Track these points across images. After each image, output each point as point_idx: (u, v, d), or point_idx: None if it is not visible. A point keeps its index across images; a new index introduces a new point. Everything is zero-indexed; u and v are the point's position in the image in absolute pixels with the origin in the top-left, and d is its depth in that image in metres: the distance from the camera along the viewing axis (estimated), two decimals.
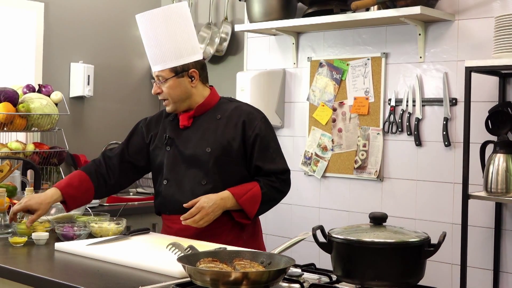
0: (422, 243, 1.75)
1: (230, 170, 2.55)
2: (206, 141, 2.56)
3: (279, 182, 2.55)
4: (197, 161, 2.56)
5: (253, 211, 2.50)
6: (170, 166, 2.60)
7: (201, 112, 2.61)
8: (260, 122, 2.58)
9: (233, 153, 2.54)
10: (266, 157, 2.55)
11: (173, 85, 2.55)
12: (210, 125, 2.58)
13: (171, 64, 2.54)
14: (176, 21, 2.55)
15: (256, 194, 2.50)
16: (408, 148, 3.53)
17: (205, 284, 1.68)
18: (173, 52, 2.53)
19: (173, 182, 2.59)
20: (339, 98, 3.79)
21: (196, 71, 2.58)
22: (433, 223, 3.42)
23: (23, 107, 3.63)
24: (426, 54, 3.47)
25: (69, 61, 4.32)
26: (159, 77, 2.56)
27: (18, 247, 2.39)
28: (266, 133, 2.58)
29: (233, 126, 2.56)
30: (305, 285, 1.82)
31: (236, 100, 2.73)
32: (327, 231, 1.84)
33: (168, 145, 2.62)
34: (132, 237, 2.48)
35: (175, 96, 2.56)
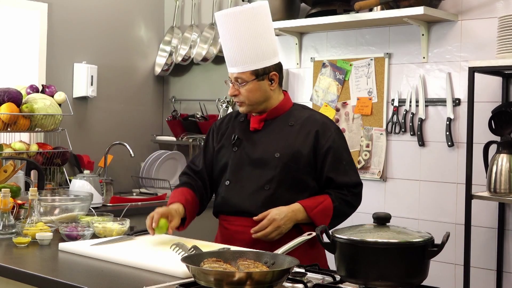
0: (426, 243, 1.75)
1: (295, 178, 2.47)
2: (276, 146, 2.48)
3: (350, 195, 2.46)
4: (264, 165, 2.48)
5: (324, 224, 2.32)
6: (234, 167, 2.53)
7: (273, 116, 2.54)
8: (333, 133, 2.50)
9: (302, 161, 2.46)
10: (339, 169, 2.46)
11: (253, 88, 2.46)
12: (282, 130, 2.51)
13: (252, 67, 2.44)
14: (259, 21, 2.46)
15: (327, 207, 2.41)
16: (411, 148, 3.53)
17: (209, 284, 1.69)
18: (255, 54, 2.44)
19: (235, 184, 2.52)
20: (342, 98, 3.79)
21: (276, 74, 2.50)
22: (436, 223, 3.41)
23: (27, 107, 3.64)
24: (429, 54, 3.47)
25: (72, 61, 4.32)
26: (238, 79, 2.47)
27: (22, 247, 2.39)
28: (339, 144, 2.50)
29: (305, 134, 2.48)
30: (309, 285, 1.82)
31: (309, 108, 2.65)
32: (331, 231, 1.84)
33: (235, 146, 2.55)
34: (136, 237, 2.48)
35: (254, 99, 2.48)
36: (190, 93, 4.67)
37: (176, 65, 4.64)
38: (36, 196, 2.56)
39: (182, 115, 4.54)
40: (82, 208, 2.84)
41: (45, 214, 2.73)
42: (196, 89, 4.62)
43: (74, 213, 2.79)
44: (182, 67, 4.68)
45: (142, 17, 4.68)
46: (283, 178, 2.45)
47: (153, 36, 4.74)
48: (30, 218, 2.52)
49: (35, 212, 2.53)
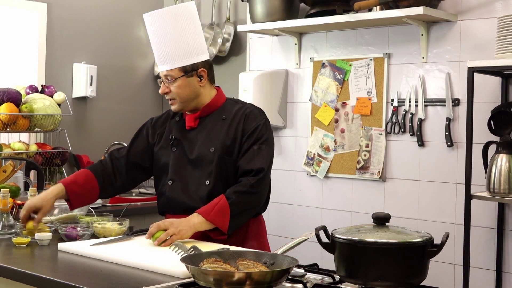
0: (425, 243, 1.75)
1: (232, 170, 2.53)
2: (211, 141, 2.55)
3: (248, 184, 2.45)
4: (202, 161, 2.55)
5: (224, 225, 2.40)
6: (175, 167, 2.60)
7: (207, 113, 2.61)
8: (260, 121, 2.56)
9: (234, 151, 2.53)
10: (247, 156, 2.50)
11: (182, 85, 2.54)
12: (216, 125, 2.58)
13: (180, 64, 2.52)
14: (185, 20, 2.54)
15: (222, 206, 2.40)
16: (410, 148, 3.53)
17: (208, 284, 1.68)
18: (182, 51, 2.52)
19: (178, 183, 2.59)
20: (341, 98, 3.79)
21: (205, 70, 2.57)
22: (435, 223, 3.42)
23: (26, 107, 3.64)
24: (429, 54, 3.47)
25: (72, 61, 4.32)
26: (167, 77, 2.55)
27: (21, 247, 2.39)
28: (260, 133, 2.53)
29: (235, 125, 2.56)
30: (308, 285, 1.82)
31: (242, 101, 2.71)
32: (330, 232, 1.84)
33: (174, 146, 2.62)
34: (135, 237, 2.48)
35: (184, 96, 2.55)
36: None
37: None
38: None
39: None
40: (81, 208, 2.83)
41: None
42: None
43: (74, 213, 2.79)
44: None
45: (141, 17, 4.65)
46: (219, 171, 2.52)
47: None
48: None
49: None
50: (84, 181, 2.61)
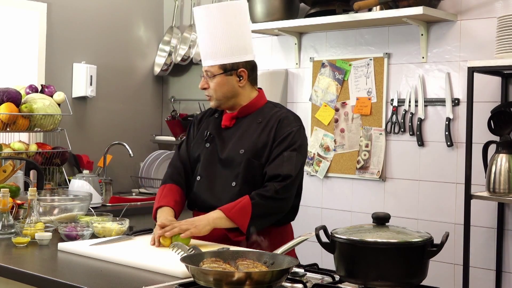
0: (425, 243, 1.75)
1: (258, 174, 2.48)
2: (242, 143, 2.52)
3: (273, 189, 2.41)
4: (231, 162, 2.52)
5: (244, 224, 2.36)
6: (205, 163, 2.58)
7: (244, 114, 2.58)
8: (294, 128, 2.51)
9: (264, 157, 2.48)
10: (276, 162, 2.46)
11: (221, 82, 2.53)
12: (250, 127, 2.55)
13: (221, 61, 2.52)
14: (233, 18, 2.53)
15: (245, 205, 2.38)
16: (410, 148, 3.53)
17: (208, 284, 1.69)
18: (225, 49, 2.51)
19: (206, 180, 2.57)
20: (341, 98, 3.79)
21: (245, 71, 2.55)
22: (435, 223, 3.42)
23: (26, 107, 3.64)
24: (429, 54, 3.47)
25: (71, 61, 4.32)
26: (207, 72, 2.54)
27: (21, 247, 2.39)
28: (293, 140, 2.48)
29: (268, 129, 2.52)
30: (308, 285, 1.82)
31: (281, 105, 2.66)
32: (330, 231, 1.84)
33: (208, 142, 2.60)
34: (135, 237, 2.48)
35: (220, 94, 2.54)
36: (189, 93, 4.67)
37: (175, 65, 4.64)
38: (35, 196, 2.56)
39: (181, 115, 4.53)
40: (81, 208, 2.84)
41: (45, 214, 2.73)
42: (195, 89, 4.61)
43: (73, 213, 2.79)
44: (181, 67, 4.68)
45: (141, 17, 4.68)
46: (246, 174, 2.49)
47: (152, 36, 4.74)
48: (29, 218, 2.52)
49: (34, 212, 2.53)
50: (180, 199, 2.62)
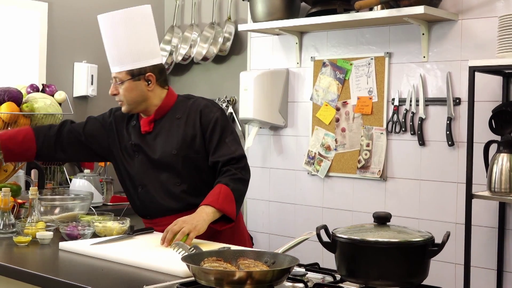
0: (426, 242, 1.75)
1: (199, 165, 2.56)
2: (171, 144, 2.56)
3: (239, 171, 2.49)
4: (166, 164, 2.57)
5: (233, 211, 2.43)
6: (141, 173, 2.62)
7: (160, 115, 2.62)
8: (216, 113, 2.58)
9: (198, 148, 2.55)
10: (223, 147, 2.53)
11: (129, 88, 2.55)
12: (172, 126, 2.59)
13: (128, 67, 2.54)
14: (136, 23, 2.56)
15: (226, 193, 2.43)
16: (411, 147, 3.53)
17: (209, 284, 1.69)
18: (130, 55, 2.53)
19: (148, 188, 2.61)
20: (342, 97, 3.79)
21: (153, 75, 2.57)
22: (436, 222, 3.41)
23: (27, 106, 3.64)
24: (430, 53, 3.47)
25: (72, 60, 4.32)
26: (116, 79, 2.57)
27: (22, 246, 2.39)
28: (222, 123, 2.56)
29: (192, 121, 2.57)
30: (309, 284, 1.82)
31: (193, 96, 2.72)
32: (331, 231, 1.84)
33: (135, 152, 2.63)
34: (136, 236, 2.48)
35: (130, 99, 2.57)
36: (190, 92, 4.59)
37: (176, 64, 4.64)
38: (37, 196, 2.56)
39: None
40: (82, 207, 2.84)
41: (46, 213, 2.73)
42: (196, 88, 4.61)
43: (75, 212, 2.79)
44: (182, 67, 4.68)
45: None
46: (188, 170, 2.55)
47: None
48: (31, 217, 2.52)
49: (35, 211, 2.54)
50: (22, 140, 2.66)
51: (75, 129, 2.72)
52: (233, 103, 4.35)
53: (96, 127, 2.72)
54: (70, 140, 2.71)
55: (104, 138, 2.70)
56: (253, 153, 4.17)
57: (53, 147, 2.70)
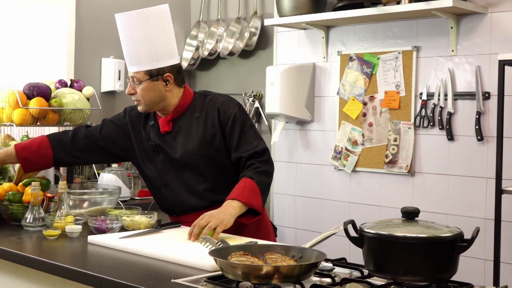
0: (455, 238, 1.73)
1: (221, 163, 2.56)
2: (191, 143, 2.56)
3: (263, 164, 2.49)
4: (188, 163, 2.57)
5: (259, 204, 2.44)
6: (163, 172, 2.63)
7: (179, 114, 2.61)
8: (234, 109, 2.57)
9: (218, 146, 2.55)
10: (245, 143, 2.53)
11: (147, 88, 2.54)
12: (191, 125, 2.59)
13: (146, 67, 2.53)
14: (155, 23, 2.54)
15: (252, 186, 2.43)
16: (440, 142, 3.50)
17: (236, 278, 1.69)
18: (149, 55, 2.52)
19: (171, 187, 2.62)
20: (369, 92, 3.76)
21: (171, 76, 2.56)
22: (465, 218, 3.38)
23: (56, 102, 3.67)
24: (458, 47, 3.43)
25: (100, 56, 4.36)
26: (133, 78, 2.55)
27: (51, 239, 2.42)
28: (241, 118, 2.56)
29: (210, 119, 2.57)
30: (336, 279, 1.81)
31: (210, 92, 2.71)
32: (359, 226, 1.83)
33: (156, 152, 2.63)
34: (163, 230, 2.49)
35: (148, 99, 2.56)
36: (216, 87, 4.67)
37: (202, 59, 4.65)
38: (66, 190, 2.59)
39: None
40: (110, 201, 2.86)
41: (74, 207, 2.76)
42: (222, 83, 4.62)
43: (103, 206, 2.82)
44: (208, 62, 4.69)
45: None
46: (210, 169, 2.56)
47: (180, 31, 4.75)
48: (60, 211, 2.55)
49: (64, 205, 2.56)
50: (37, 148, 2.68)
51: (92, 134, 2.73)
52: (259, 98, 4.35)
53: (112, 130, 2.73)
54: (87, 145, 2.72)
55: (122, 140, 2.71)
56: (279, 148, 4.17)
57: (70, 152, 2.71)
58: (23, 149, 2.68)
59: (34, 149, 2.68)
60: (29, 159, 2.68)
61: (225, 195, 2.44)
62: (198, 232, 2.28)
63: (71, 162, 2.88)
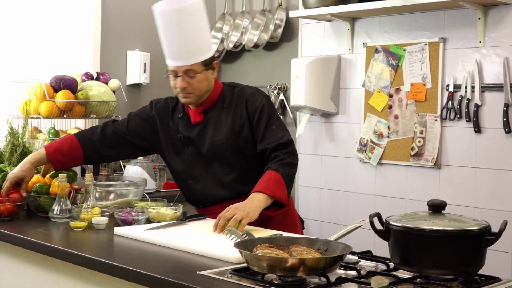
0: (482, 231, 1.72)
1: (248, 154, 2.57)
2: (220, 133, 2.58)
3: (287, 156, 2.50)
4: (215, 154, 2.59)
5: (284, 196, 2.45)
6: (191, 164, 2.64)
7: (209, 104, 2.63)
8: (262, 100, 2.59)
9: (246, 136, 2.56)
10: (271, 134, 2.54)
11: (203, 78, 2.55)
12: (220, 115, 2.60)
13: (202, 57, 2.54)
14: (201, 13, 2.57)
15: (277, 178, 2.44)
16: (466, 135, 3.46)
17: (261, 270, 1.69)
18: (203, 45, 2.54)
19: (198, 179, 2.64)
20: (395, 84, 3.74)
21: (217, 62, 2.61)
22: (492, 211, 3.34)
23: (82, 94, 3.70)
24: (486, 38, 3.38)
25: (125, 49, 4.38)
26: (187, 71, 2.53)
27: (78, 231, 2.44)
28: (267, 110, 2.57)
29: (239, 110, 2.58)
30: (362, 272, 1.81)
31: (238, 84, 2.72)
32: (385, 219, 1.82)
33: (185, 144, 2.64)
34: (189, 222, 2.51)
35: (202, 89, 2.57)
36: (241, 79, 4.65)
37: (227, 51, 4.65)
38: (92, 182, 2.62)
39: None
40: (136, 193, 2.88)
41: (101, 199, 2.78)
42: (247, 75, 4.62)
43: (129, 198, 2.84)
44: (233, 54, 4.68)
45: None
46: (237, 159, 2.57)
47: None
48: (86, 203, 2.58)
49: (91, 197, 2.59)
50: (68, 149, 2.71)
51: (119, 129, 2.75)
52: (284, 90, 4.34)
53: (139, 123, 2.75)
54: (115, 141, 2.74)
55: (149, 133, 2.73)
56: (304, 140, 4.16)
57: (100, 151, 2.74)
58: (54, 152, 2.71)
59: (65, 151, 2.71)
60: (61, 161, 2.73)
61: (251, 186, 2.45)
62: (223, 224, 2.29)
63: (100, 160, 2.94)
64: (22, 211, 2.81)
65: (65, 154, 2.71)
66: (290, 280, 1.70)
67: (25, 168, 2.68)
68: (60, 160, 2.72)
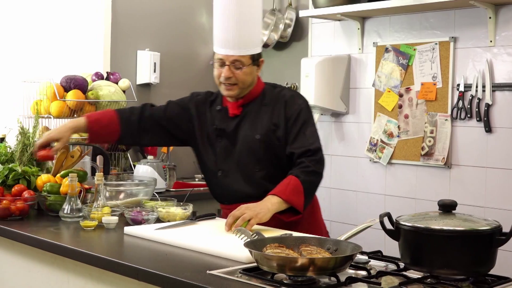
0: (493, 231, 1.71)
1: (280, 153, 2.55)
2: (255, 128, 2.57)
3: (312, 164, 2.47)
4: (248, 149, 2.57)
5: (300, 203, 2.42)
6: (223, 157, 2.62)
7: (249, 99, 2.62)
8: (300, 105, 2.57)
9: (280, 136, 2.55)
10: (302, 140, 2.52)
11: (248, 72, 2.54)
12: (259, 111, 2.59)
13: (252, 51, 2.53)
14: (258, 8, 2.55)
15: (296, 184, 2.42)
16: (477, 134, 3.45)
17: (271, 270, 1.69)
18: (256, 39, 2.54)
19: (228, 173, 2.62)
20: (405, 83, 3.72)
21: (263, 60, 2.61)
22: (503, 211, 3.33)
23: (92, 94, 3.71)
24: (497, 38, 3.36)
25: (136, 49, 4.39)
26: (235, 62, 2.52)
27: (88, 230, 2.45)
28: (304, 116, 2.55)
29: (277, 110, 2.57)
30: (372, 272, 1.80)
31: (279, 85, 2.72)
32: (395, 219, 1.81)
33: (219, 136, 2.64)
34: (198, 222, 2.51)
35: (246, 83, 2.56)
36: None
37: None
38: (102, 181, 2.62)
39: None
40: (146, 193, 2.89)
41: (111, 199, 2.79)
42: None
43: (139, 198, 2.84)
44: None
45: (203, 4, 4.70)
46: (268, 157, 2.55)
47: None
48: (97, 202, 2.58)
49: (101, 197, 2.59)
50: (107, 123, 2.70)
51: (156, 113, 2.74)
52: (294, 89, 4.33)
53: (176, 111, 2.74)
54: (150, 125, 2.73)
55: (185, 123, 2.72)
56: None
57: (136, 133, 2.73)
58: (94, 122, 2.69)
59: (104, 123, 2.70)
60: (98, 132, 2.71)
61: None
62: (231, 222, 2.29)
63: (135, 142, 2.93)
64: (33, 210, 2.82)
65: (103, 127, 2.70)
66: (300, 280, 1.70)
67: (62, 131, 2.68)
68: (97, 131, 2.70)
